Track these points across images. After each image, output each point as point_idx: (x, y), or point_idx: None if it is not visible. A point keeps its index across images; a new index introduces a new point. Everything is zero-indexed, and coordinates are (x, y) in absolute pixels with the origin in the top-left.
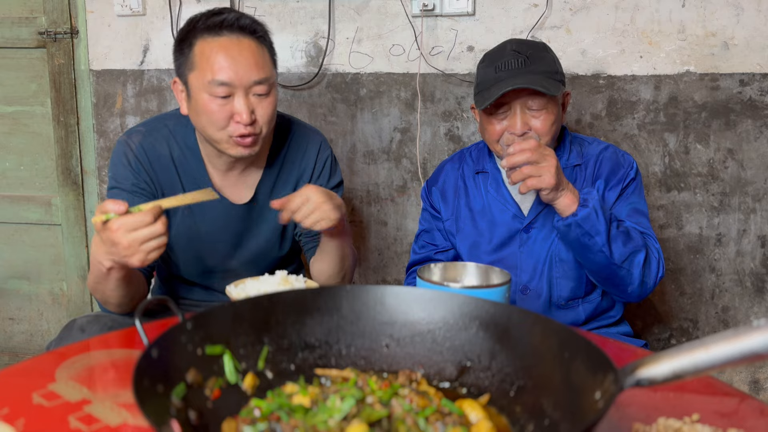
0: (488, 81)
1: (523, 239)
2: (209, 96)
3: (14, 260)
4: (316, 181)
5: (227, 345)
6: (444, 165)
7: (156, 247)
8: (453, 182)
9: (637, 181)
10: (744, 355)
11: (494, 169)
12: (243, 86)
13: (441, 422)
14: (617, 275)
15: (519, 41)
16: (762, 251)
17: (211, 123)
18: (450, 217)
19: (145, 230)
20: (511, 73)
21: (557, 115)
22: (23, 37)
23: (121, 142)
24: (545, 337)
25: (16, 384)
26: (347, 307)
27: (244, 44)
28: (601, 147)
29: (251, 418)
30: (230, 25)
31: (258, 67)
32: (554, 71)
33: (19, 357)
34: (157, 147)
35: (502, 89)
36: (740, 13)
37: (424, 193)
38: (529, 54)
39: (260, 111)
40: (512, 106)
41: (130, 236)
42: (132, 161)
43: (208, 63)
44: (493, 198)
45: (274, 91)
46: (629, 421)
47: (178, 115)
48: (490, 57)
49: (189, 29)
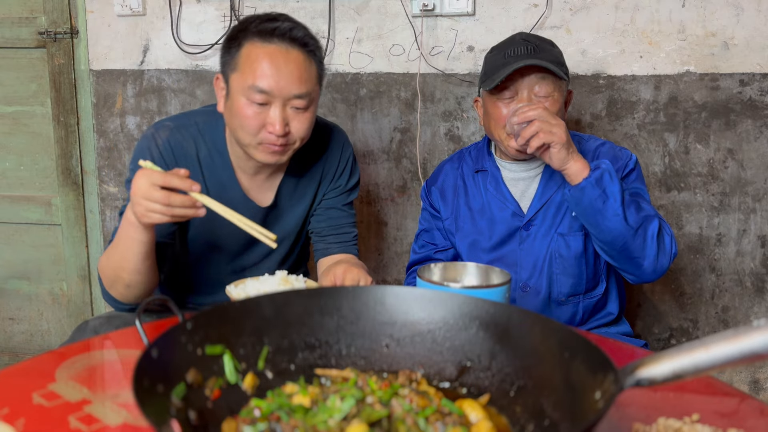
0: (496, 66)
1: (522, 237)
2: (246, 100)
3: (14, 260)
4: (337, 181)
5: (227, 345)
6: (443, 165)
7: (154, 211)
8: (452, 182)
9: (636, 171)
10: (744, 355)
11: (494, 168)
12: (282, 97)
13: (441, 422)
14: (632, 245)
15: (528, 33)
16: (762, 251)
17: (243, 127)
18: (449, 216)
19: (176, 183)
20: (519, 57)
21: (561, 107)
22: (23, 37)
23: (148, 136)
24: (545, 337)
25: (16, 384)
26: (347, 307)
27: (292, 55)
28: (598, 143)
29: (251, 418)
30: (282, 34)
31: (301, 81)
32: (562, 63)
33: (19, 357)
34: (183, 144)
35: (512, 67)
36: (740, 13)
37: (424, 192)
38: (537, 44)
39: (296, 125)
40: (519, 90)
41: (146, 184)
42: (155, 156)
43: (251, 67)
44: (493, 196)
45: (314, 107)
46: (629, 421)
47: (208, 112)
48: (499, 47)
49: (241, 29)
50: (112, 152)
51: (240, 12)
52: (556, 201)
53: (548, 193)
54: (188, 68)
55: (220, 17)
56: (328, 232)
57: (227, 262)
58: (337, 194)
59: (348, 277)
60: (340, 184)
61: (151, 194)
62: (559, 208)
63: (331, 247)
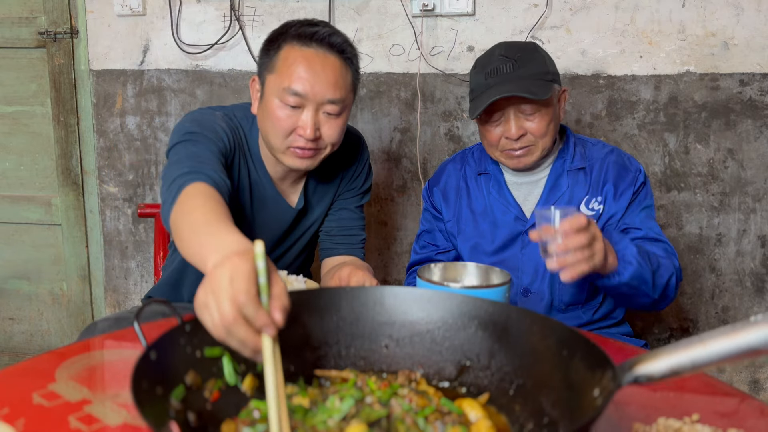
0: (479, 88)
1: (525, 241)
2: (280, 102)
3: (14, 260)
4: (354, 182)
5: (226, 347)
6: (446, 165)
7: (239, 338)
8: (455, 183)
9: (647, 186)
10: (742, 350)
11: (497, 171)
12: (315, 101)
13: (440, 421)
14: (646, 302)
15: (508, 45)
16: (762, 251)
17: (274, 128)
18: (451, 218)
19: (258, 313)
20: (499, 78)
21: (553, 115)
22: (23, 37)
23: (204, 111)
24: (544, 336)
25: (16, 384)
26: (347, 308)
27: (329, 61)
28: (606, 150)
29: (251, 420)
30: (321, 39)
31: (336, 87)
32: (544, 72)
33: (19, 357)
34: (234, 124)
35: (491, 98)
36: (740, 13)
37: (426, 193)
38: (517, 57)
39: (327, 130)
40: (505, 111)
41: (232, 304)
42: (221, 119)
43: (288, 70)
44: (495, 199)
45: (346, 114)
46: (629, 421)
47: (246, 108)
48: (480, 63)
49: (281, 32)
50: (112, 152)
51: (240, 12)
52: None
53: (552, 199)
54: (188, 68)
55: (220, 17)
56: (336, 232)
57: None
58: (352, 195)
59: (353, 280)
60: (355, 186)
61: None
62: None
63: (338, 248)
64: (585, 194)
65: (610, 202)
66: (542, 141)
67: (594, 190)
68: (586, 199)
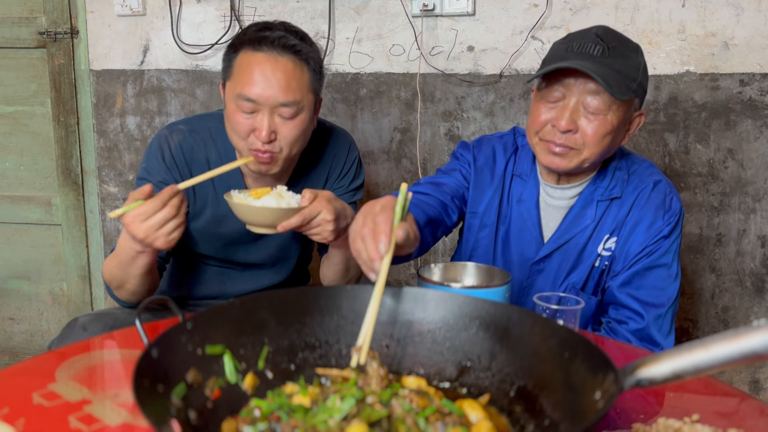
0: (554, 56)
1: (532, 270)
2: (236, 107)
3: (14, 260)
4: (341, 180)
5: (227, 345)
6: (492, 144)
7: (173, 228)
8: (501, 172)
9: (676, 232)
10: (744, 355)
11: (534, 184)
12: (268, 105)
13: (441, 422)
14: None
15: (608, 29)
16: (762, 251)
17: (234, 131)
18: (477, 210)
19: (158, 216)
20: (581, 56)
21: (615, 128)
22: (23, 37)
23: (161, 137)
24: (545, 337)
25: (16, 384)
26: (347, 307)
27: (280, 64)
28: (654, 179)
29: (251, 418)
30: (271, 42)
31: (288, 90)
32: (632, 78)
33: (19, 357)
34: (195, 149)
35: (555, 66)
36: (740, 13)
37: (465, 151)
38: (612, 46)
39: (283, 132)
40: (567, 96)
41: (144, 225)
42: (167, 158)
43: (241, 76)
44: (518, 211)
45: (304, 115)
46: (629, 421)
47: (221, 117)
48: (571, 36)
49: (238, 37)
50: (112, 152)
51: (240, 12)
52: (580, 243)
53: (574, 229)
54: (188, 68)
55: (220, 17)
56: None
57: (229, 260)
58: (341, 194)
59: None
60: (343, 184)
61: (153, 223)
62: (581, 252)
63: None
64: (609, 232)
65: (625, 238)
66: (588, 150)
67: (620, 229)
68: (607, 237)
